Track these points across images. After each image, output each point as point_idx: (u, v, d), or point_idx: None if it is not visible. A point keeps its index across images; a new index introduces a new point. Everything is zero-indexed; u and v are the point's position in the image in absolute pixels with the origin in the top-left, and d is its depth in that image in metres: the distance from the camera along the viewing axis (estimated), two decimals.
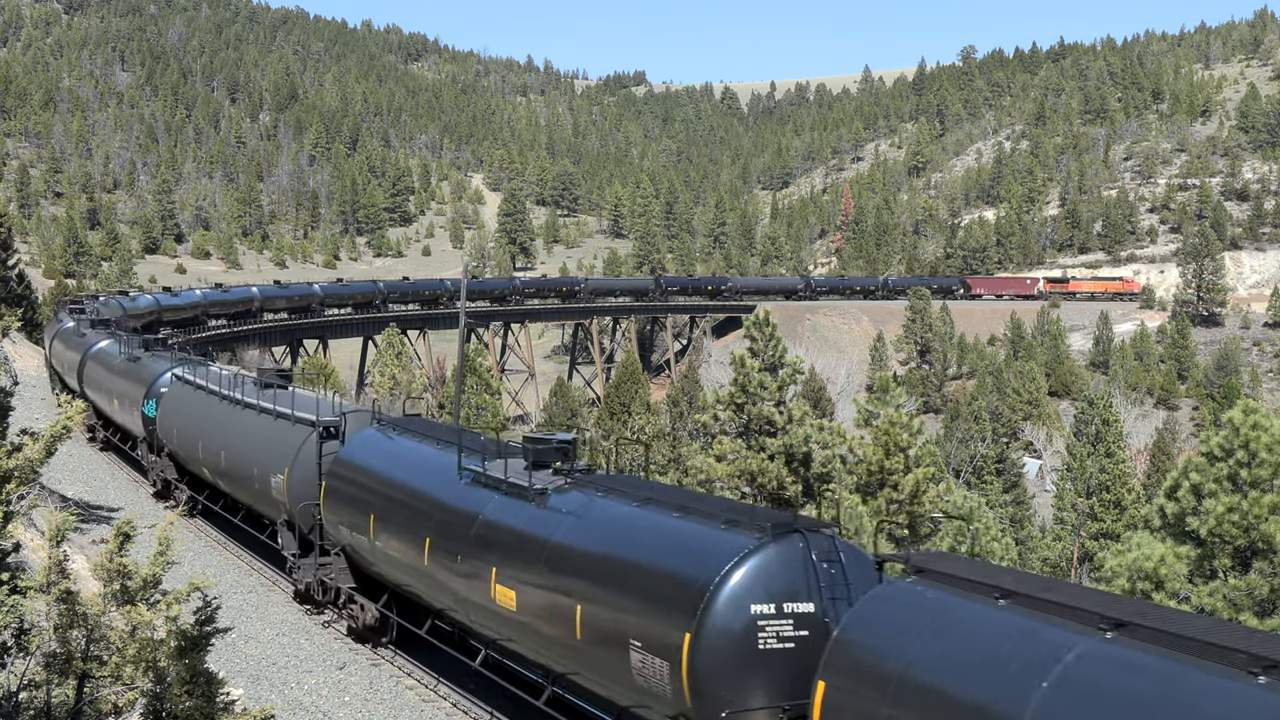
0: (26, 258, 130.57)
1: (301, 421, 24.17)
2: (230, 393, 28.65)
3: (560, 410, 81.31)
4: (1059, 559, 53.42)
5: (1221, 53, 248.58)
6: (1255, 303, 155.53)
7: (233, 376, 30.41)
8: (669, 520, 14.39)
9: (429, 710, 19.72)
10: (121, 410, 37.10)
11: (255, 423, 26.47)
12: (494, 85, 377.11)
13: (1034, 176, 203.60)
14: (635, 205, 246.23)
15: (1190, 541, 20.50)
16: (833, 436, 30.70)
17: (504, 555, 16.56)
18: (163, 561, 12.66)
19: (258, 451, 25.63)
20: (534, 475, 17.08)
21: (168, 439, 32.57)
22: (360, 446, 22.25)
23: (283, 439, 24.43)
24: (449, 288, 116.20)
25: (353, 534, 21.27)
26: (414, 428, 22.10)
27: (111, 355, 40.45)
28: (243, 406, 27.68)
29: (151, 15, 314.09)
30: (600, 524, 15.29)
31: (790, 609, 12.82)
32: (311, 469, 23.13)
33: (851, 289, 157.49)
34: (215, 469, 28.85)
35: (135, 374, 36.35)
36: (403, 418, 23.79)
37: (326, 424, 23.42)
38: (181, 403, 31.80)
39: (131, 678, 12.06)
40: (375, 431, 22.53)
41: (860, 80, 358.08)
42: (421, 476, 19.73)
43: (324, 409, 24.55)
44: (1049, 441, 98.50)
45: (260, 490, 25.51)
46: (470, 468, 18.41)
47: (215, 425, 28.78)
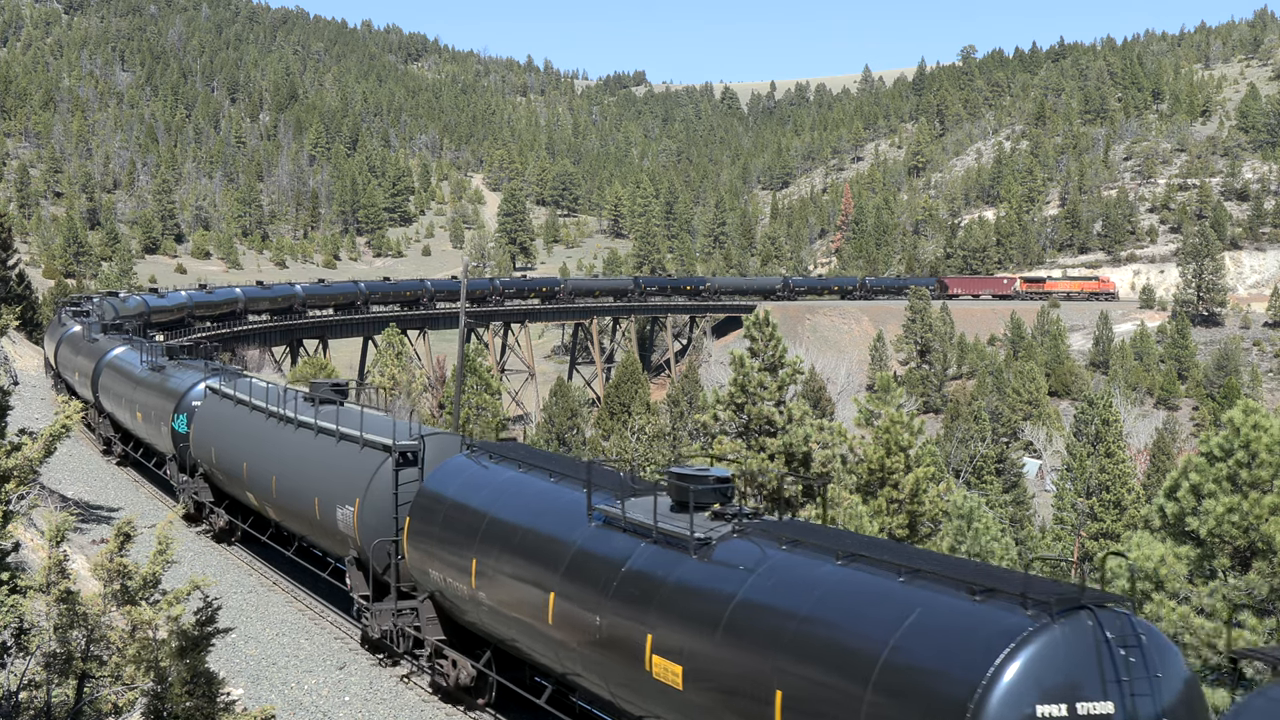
0: (26, 258, 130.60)
1: (373, 445, 21.31)
2: (282, 410, 25.79)
3: (560, 410, 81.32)
4: (1059, 559, 53.35)
5: (1221, 53, 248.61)
6: (1255, 303, 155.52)
7: (279, 391, 27.55)
8: (893, 586, 11.55)
9: (429, 710, 19.73)
10: (146, 425, 34.34)
11: (315, 445, 23.57)
12: (494, 85, 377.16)
13: (1034, 176, 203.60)
14: (635, 205, 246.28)
15: (1190, 542, 20.50)
16: (833, 436, 30.70)
17: (663, 618, 13.58)
18: (162, 561, 12.66)
19: (320, 479, 22.70)
20: (686, 519, 14.20)
21: (203, 458, 29.75)
22: (451, 476, 19.44)
23: (351, 465, 21.60)
24: (429, 288, 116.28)
25: (446, 579, 18.70)
26: (512, 454, 19.33)
27: (131, 364, 37.81)
28: (296, 425, 24.80)
29: (151, 15, 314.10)
30: (796, 587, 12.42)
31: (1085, 711, 10.05)
32: (387, 501, 20.47)
33: (829, 289, 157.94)
34: (264, 496, 25.94)
35: (162, 386, 33.61)
36: (497, 443, 21.25)
37: (404, 449, 20.59)
38: (219, 418, 29.12)
39: (132, 678, 12.06)
40: (466, 459, 19.74)
41: (860, 80, 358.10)
42: (539, 516, 16.91)
43: (398, 430, 21.55)
44: (1049, 441, 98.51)
45: (322, 523, 22.65)
46: (604, 508, 15.63)
47: (264, 446, 26.04)
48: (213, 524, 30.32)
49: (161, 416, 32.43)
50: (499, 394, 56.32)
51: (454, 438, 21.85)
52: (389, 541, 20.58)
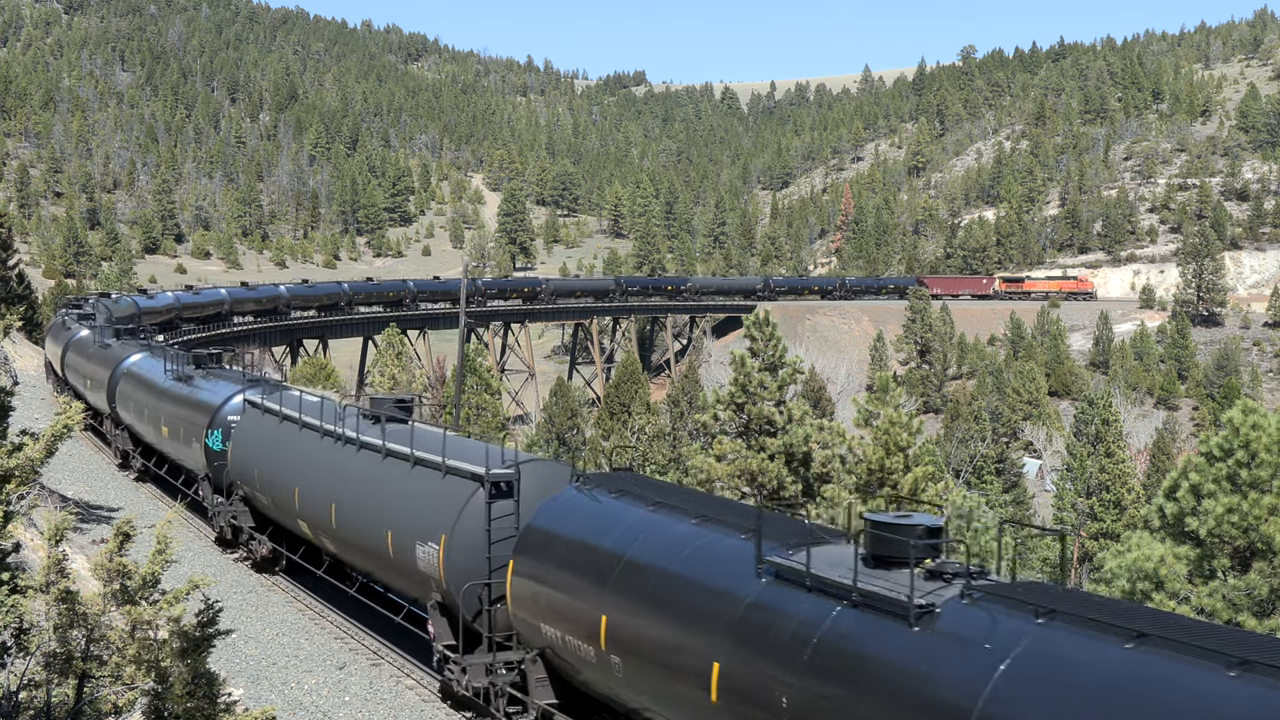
0: (26, 258, 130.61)
1: (459, 474, 18.68)
2: (341, 429, 22.99)
3: (560, 410, 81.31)
4: (1059, 559, 53.42)
5: (1221, 53, 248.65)
6: (1255, 303, 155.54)
7: (334, 406, 24.82)
8: (1228, 686, 8.55)
9: (429, 710, 19.73)
10: (174, 440, 31.48)
11: (385, 471, 20.86)
12: (494, 85, 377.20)
13: (1034, 176, 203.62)
14: (635, 205, 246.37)
15: (1189, 542, 20.51)
16: (833, 436, 30.72)
17: (879, 705, 10.84)
18: (161, 560, 12.67)
19: (393, 511, 20.00)
20: (891, 577, 11.70)
21: (243, 480, 27.08)
22: (565, 513, 16.95)
23: (432, 496, 18.98)
24: (412, 288, 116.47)
25: (564, 636, 16.00)
26: (634, 489, 16.76)
27: (153, 373, 35.02)
28: (359, 447, 22.09)
29: (151, 15, 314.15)
30: (1079, 685, 9.30)
31: None
32: (478, 539, 17.86)
33: (809, 288, 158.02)
34: (320, 526, 23.14)
35: (192, 398, 30.83)
36: (612, 474, 18.42)
37: (498, 479, 18.03)
38: (262, 436, 26.44)
39: (131, 678, 12.07)
40: (579, 493, 17.24)
41: (860, 80, 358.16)
42: (690, 566, 14.20)
43: (483, 455, 18.82)
44: (1049, 441, 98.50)
45: (397, 561, 19.86)
46: (777, 560, 12.93)
47: (320, 470, 23.27)
48: (253, 551, 27.68)
49: (192, 432, 29.70)
50: (499, 394, 56.32)
51: (556, 466, 19.45)
52: (481, 585, 18.00)
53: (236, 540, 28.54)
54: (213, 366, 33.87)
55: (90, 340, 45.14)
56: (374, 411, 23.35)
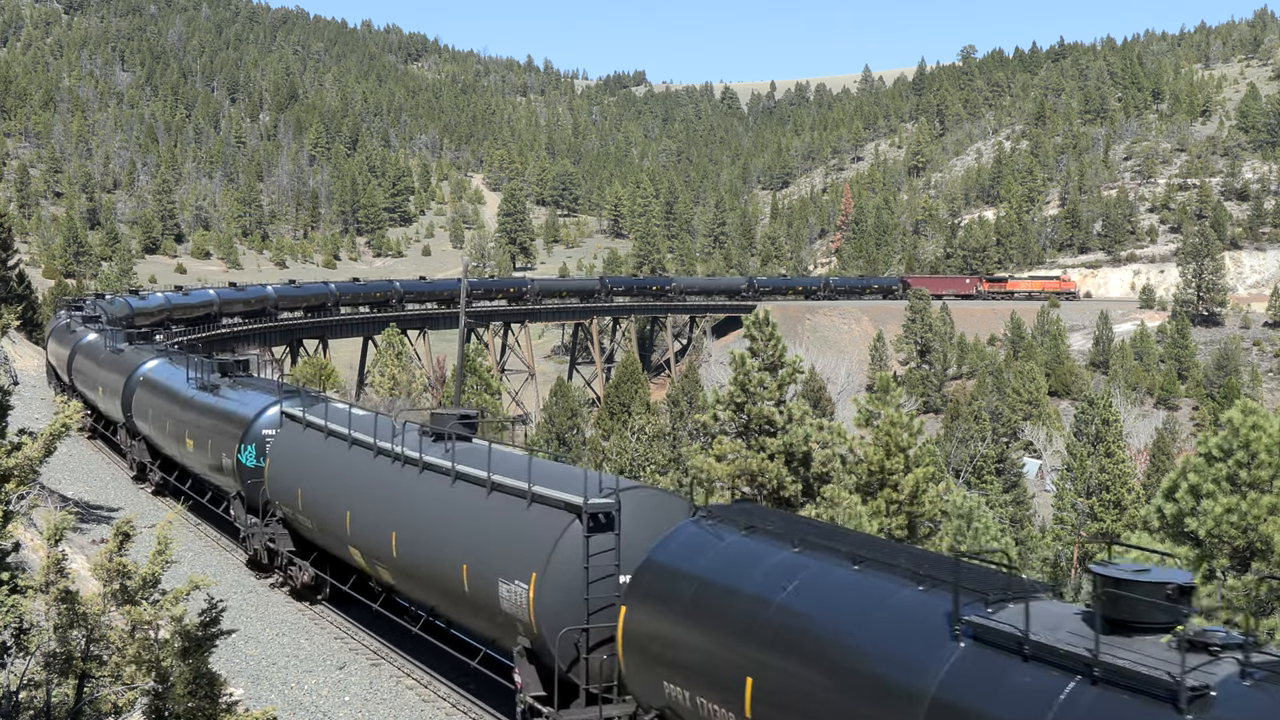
0: (26, 258, 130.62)
1: (549, 502, 16.62)
2: (400, 447, 20.85)
3: (560, 410, 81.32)
4: (1059, 559, 53.44)
5: (1221, 53, 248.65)
6: (1255, 303, 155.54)
7: (390, 422, 22.71)
8: None
9: (429, 710, 19.74)
10: (200, 455, 29.45)
11: (457, 497, 18.76)
12: (494, 85, 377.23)
13: (1034, 176, 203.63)
14: (635, 205, 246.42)
15: (1189, 542, 20.51)
16: (833, 436, 30.70)
17: None
18: (161, 560, 12.67)
19: (470, 542, 17.93)
20: (1135, 646, 9.75)
21: (282, 500, 25.03)
22: (687, 551, 14.85)
23: (519, 527, 16.91)
24: (398, 289, 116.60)
25: (694, 698, 13.76)
26: (767, 524, 14.69)
27: (174, 381, 33.00)
28: (422, 468, 19.97)
29: (151, 15, 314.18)
30: None
31: None
32: (575, 577, 15.88)
33: (793, 289, 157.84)
34: (376, 555, 21.01)
35: (221, 409, 28.78)
36: (734, 506, 16.54)
37: (598, 509, 15.96)
38: (304, 453, 24.40)
39: (131, 678, 12.07)
40: (700, 528, 15.23)
41: (860, 80, 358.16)
42: (858, 622, 12.05)
43: (577, 481, 16.85)
44: (1049, 441, 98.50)
45: (474, 599, 17.81)
46: (979, 620, 10.85)
47: (376, 493, 21.15)
48: (293, 577, 25.52)
49: (222, 446, 27.58)
50: (499, 394, 56.33)
51: (659, 494, 17.39)
52: (578, 631, 15.96)
53: (272, 564, 26.55)
54: (240, 374, 31.56)
55: (100, 344, 43.21)
56: (436, 428, 21.07)
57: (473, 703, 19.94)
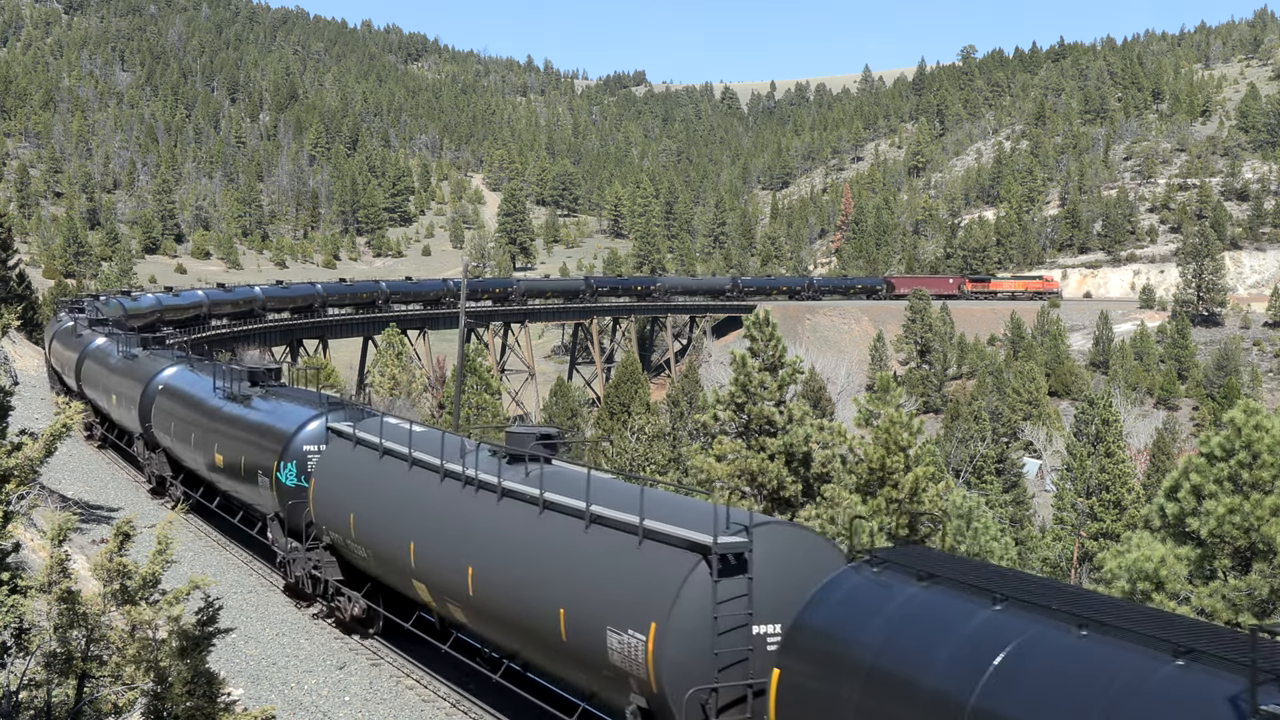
0: (26, 258, 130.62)
1: (667, 540, 14.46)
2: (474, 471, 18.67)
3: (560, 410, 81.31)
4: (1059, 559, 53.43)
5: (1221, 53, 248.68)
6: (1255, 303, 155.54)
7: (458, 440, 20.58)
8: None
9: (429, 710, 19.72)
10: (231, 472, 27.54)
11: (548, 530, 16.58)
12: (494, 85, 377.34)
13: (1034, 176, 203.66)
14: (635, 205, 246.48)
15: (1190, 542, 20.50)
16: (833, 436, 30.69)
17: None
18: (162, 560, 12.65)
19: (568, 583, 15.81)
20: None
21: (330, 525, 22.94)
22: (853, 608, 12.52)
23: (629, 568, 14.85)
24: (384, 289, 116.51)
25: None
26: (949, 572, 12.32)
27: (199, 390, 30.92)
28: (501, 494, 17.84)
29: (151, 15, 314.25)
30: None
31: None
32: (702, 629, 13.73)
33: (777, 289, 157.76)
34: (448, 591, 18.81)
35: (254, 422, 26.56)
36: (901, 549, 14.56)
37: (728, 549, 13.80)
38: (356, 473, 22.29)
39: (132, 678, 12.06)
40: (862, 577, 12.88)
41: (860, 80, 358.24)
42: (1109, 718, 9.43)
43: (692, 515, 14.86)
44: (1049, 441, 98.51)
45: (575, 649, 15.61)
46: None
47: (447, 521, 19.03)
48: (340, 609, 23.31)
49: (258, 463, 25.47)
50: (499, 394, 56.33)
51: (798, 530, 15.11)
52: (706, 690, 13.83)
53: (314, 592, 24.40)
54: (272, 384, 29.11)
55: (111, 349, 40.85)
56: (512, 448, 18.73)
57: (473, 702, 19.92)
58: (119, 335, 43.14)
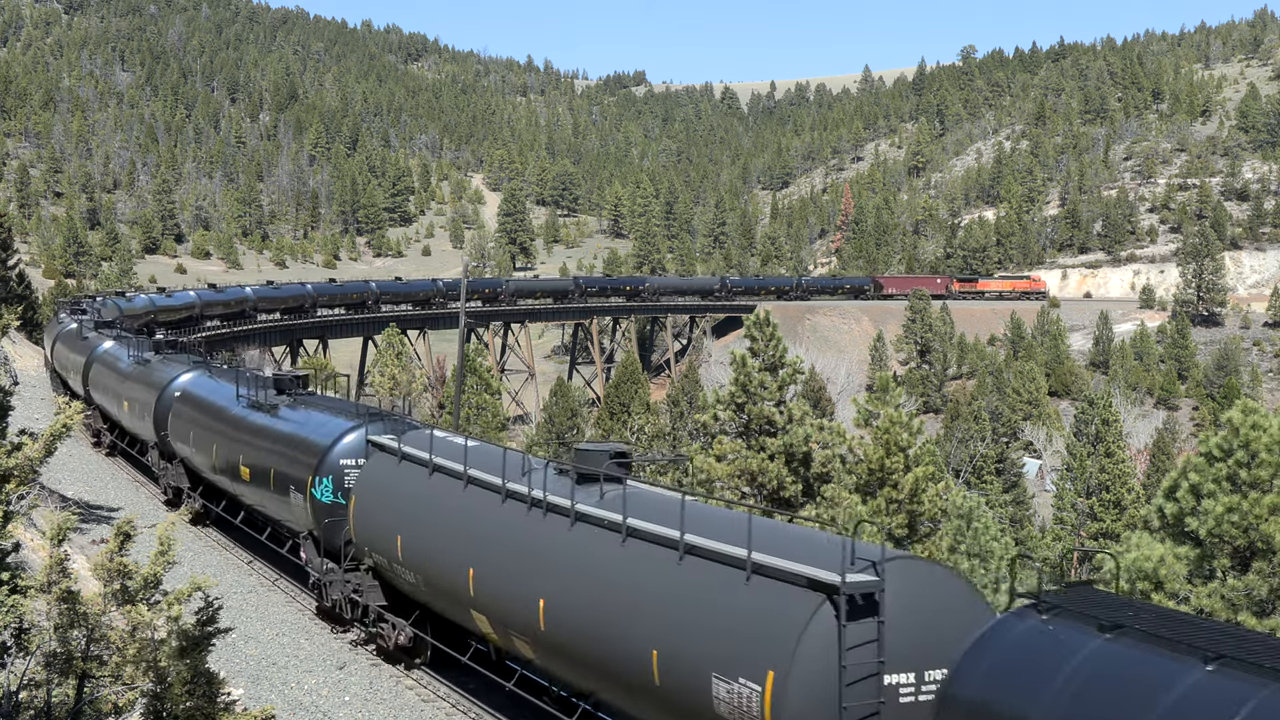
0: (26, 258, 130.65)
1: (781, 576, 12.78)
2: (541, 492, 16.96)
3: (560, 410, 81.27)
4: (1059, 559, 53.41)
5: (1221, 53, 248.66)
6: (1255, 303, 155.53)
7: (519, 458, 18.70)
8: None
9: (429, 710, 19.72)
10: (259, 486, 25.68)
11: (632, 561, 14.90)
12: (494, 85, 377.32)
13: (1034, 176, 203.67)
14: (635, 205, 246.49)
15: (1189, 542, 20.51)
16: (833, 436, 30.72)
17: None
18: (163, 561, 12.67)
19: (662, 623, 14.00)
20: None
21: (373, 547, 21.25)
22: (1025, 670, 10.51)
23: (737, 607, 13.11)
24: (374, 290, 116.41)
25: None
26: (1145, 624, 10.35)
27: (218, 398, 29.60)
28: (573, 519, 16.20)
29: (151, 15, 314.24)
30: None
31: None
32: (827, 679, 12.17)
33: (765, 289, 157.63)
34: (514, 625, 17.18)
35: (283, 433, 24.94)
36: (1073, 591, 11.75)
37: (857, 589, 12.18)
38: (402, 491, 20.60)
39: (132, 678, 12.07)
40: (1028, 626, 11.01)
41: (860, 80, 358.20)
42: None
43: (807, 547, 13.32)
44: (1049, 441, 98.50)
45: (673, 697, 13.88)
46: None
47: (510, 547, 17.27)
48: (383, 636, 21.79)
49: (290, 478, 23.78)
50: (499, 394, 56.32)
51: (937, 569, 13.36)
52: None
53: (354, 618, 22.77)
54: (300, 392, 27.42)
55: (121, 353, 39.59)
56: (582, 467, 17.06)
57: (472, 702, 19.93)
58: (129, 339, 41.66)
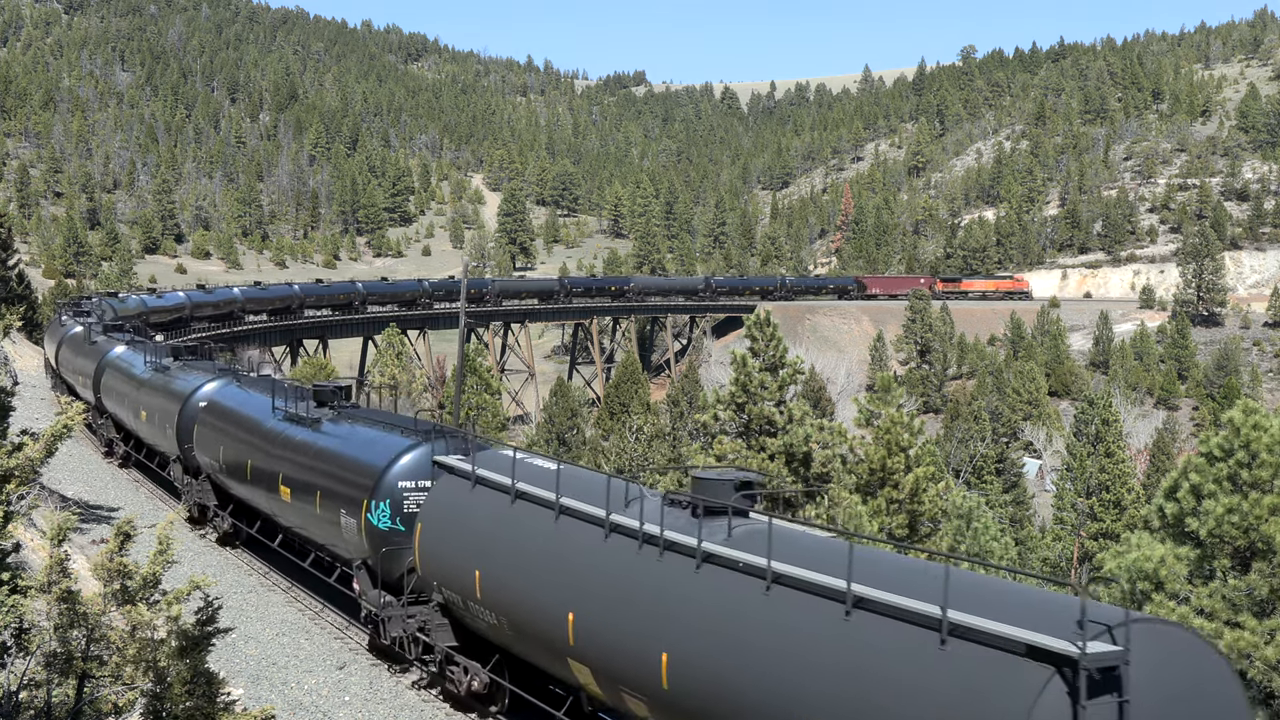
0: (26, 258, 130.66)
1: (990, 642, 10.28)
2: (653, 527, 14.49)
3: (560, 410, 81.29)
4: (1059, 559, 53.43)
5: (1221, 53, 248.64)
6: (1255, 303, 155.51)
7: (622, 486, 15.96)
8: None
9: (429, 710, 19.71)
10: (302, 507, 23.29)
11: (788, 615, 12.35)
12: (494, 85, 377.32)
13: (1034, 176, 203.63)
14: (635, 205, 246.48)
15: (1190, 542, 20.50)
16: (833, 436, 30.71)
17: None
18: (162, 561, 12.66)
19: (827, 691, 11.63)
20: None
21: (446, 581, 18.94)
22: None
23: (930, 676, 10.68)
24: (361, 290, 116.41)
25: None
26: None
27: (251, 410, 27.56)
28: (700, 560, 13.61)
29: (151, 15, 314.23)
30: None
31: None
32: None
33: (750, 289, 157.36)
34: (629, 681, 14.67)
35: (332, 453, 22.63)
36: None
37: (1097, 662, 9.58)
38: (478, 521, 18.28)
39: (131, 678, 12.06)
40: None
41: (860, 80, 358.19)
42: None
43: (1010, 603, 10.78)
44: (1049, 441, 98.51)
45: None
46: None
47: (622, 591, 14.84)
48: (454, 680, 19.34)
49: (340, 501, 21.50)
50: (499, 394, 56.30)
51: (1187, 636, 10.42)
52: None
53: (416, 657, 20.23)
54: (344, 405, 25.24)
55: (135, 359, 37.75)
56: (703, 498, 14.57)
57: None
58: (144, 344, 39.39)
